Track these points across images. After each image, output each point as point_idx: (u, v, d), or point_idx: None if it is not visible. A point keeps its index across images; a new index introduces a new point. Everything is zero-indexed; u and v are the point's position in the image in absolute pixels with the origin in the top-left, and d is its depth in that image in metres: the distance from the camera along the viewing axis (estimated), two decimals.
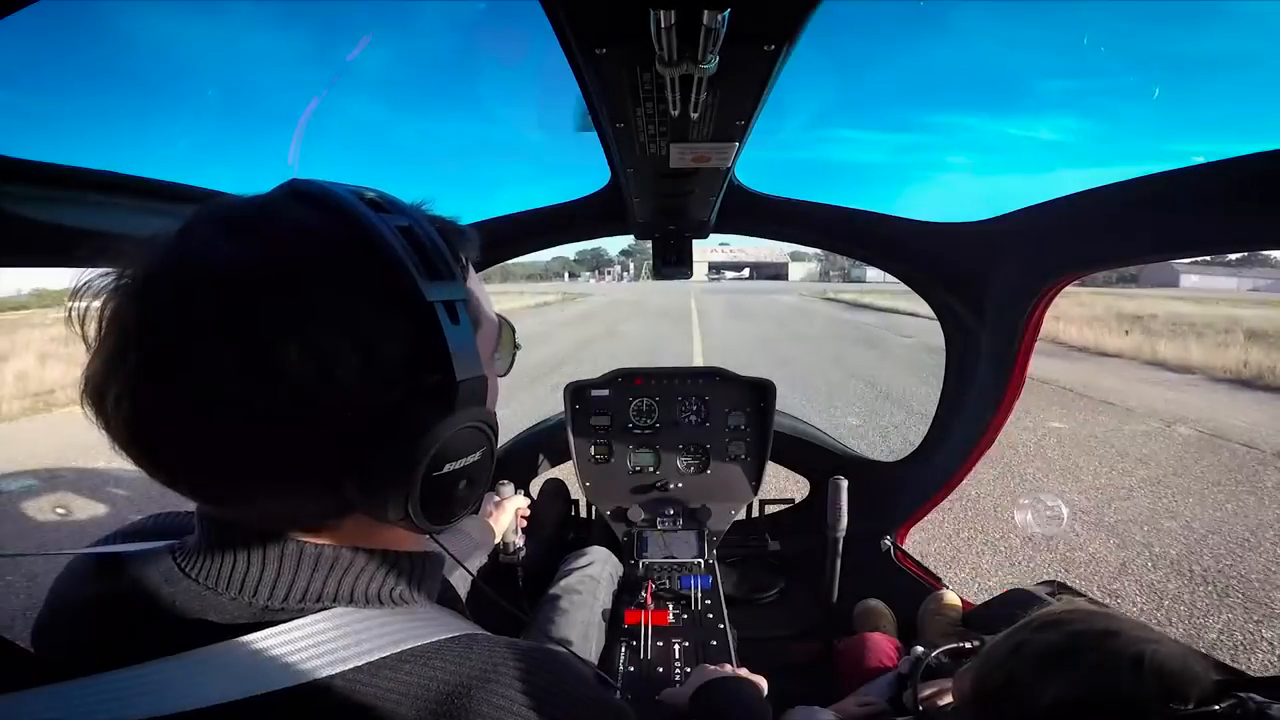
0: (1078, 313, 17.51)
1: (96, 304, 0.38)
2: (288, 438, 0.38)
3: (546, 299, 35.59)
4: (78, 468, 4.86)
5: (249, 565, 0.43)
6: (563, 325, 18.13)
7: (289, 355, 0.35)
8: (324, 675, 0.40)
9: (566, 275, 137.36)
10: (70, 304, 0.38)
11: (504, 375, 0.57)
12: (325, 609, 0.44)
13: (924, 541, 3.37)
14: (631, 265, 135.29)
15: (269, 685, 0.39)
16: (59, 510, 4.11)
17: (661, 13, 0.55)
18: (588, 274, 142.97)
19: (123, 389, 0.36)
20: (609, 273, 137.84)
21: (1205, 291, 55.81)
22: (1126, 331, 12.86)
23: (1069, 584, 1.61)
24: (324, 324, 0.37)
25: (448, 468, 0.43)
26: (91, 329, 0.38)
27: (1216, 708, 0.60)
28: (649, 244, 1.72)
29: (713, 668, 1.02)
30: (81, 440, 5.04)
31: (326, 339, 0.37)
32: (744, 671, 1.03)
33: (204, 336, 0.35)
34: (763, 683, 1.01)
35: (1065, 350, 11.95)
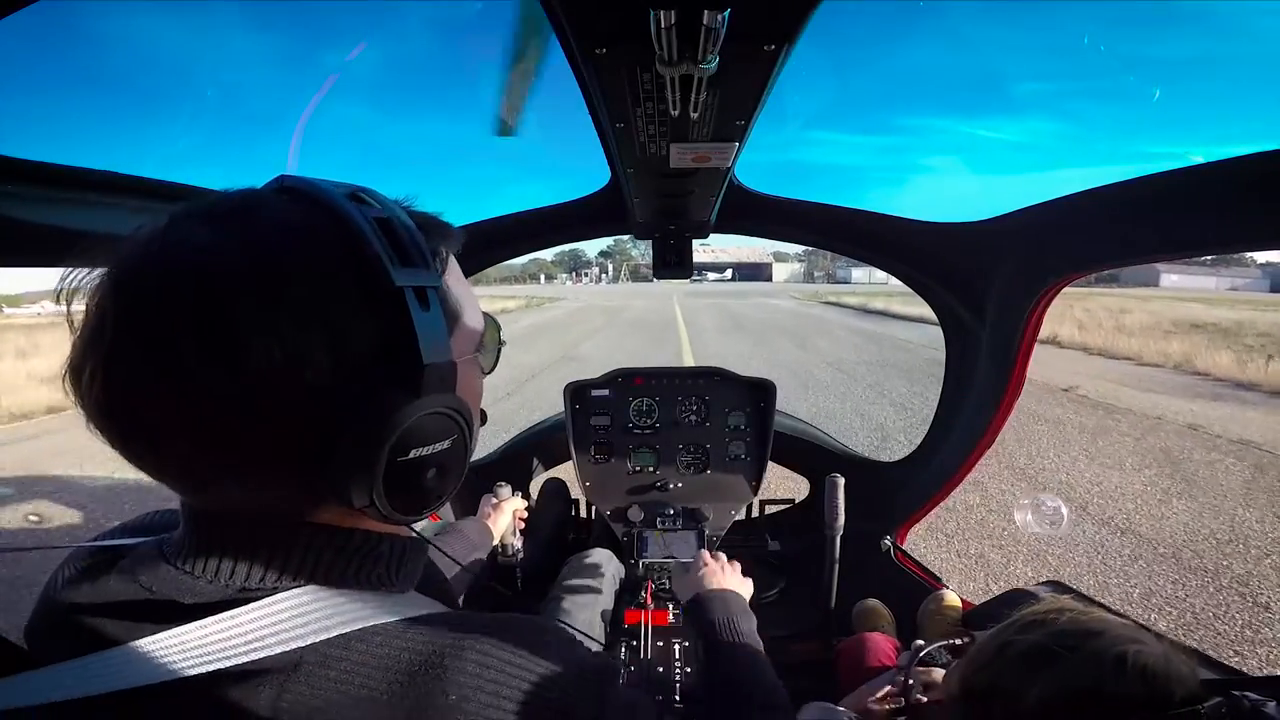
0: (1133, 321, 14.87)
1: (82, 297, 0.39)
2: (253, 426, 0.38)
3: (506, 305, 30.79)
4: None
5: (224, 549, 0.43)
6: (508, 344, 14.15)
7: (257, 342, 0.36)
8: (292, 648, 0.40)
9: (542, 277, 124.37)
10: (61, 297, 0.39)
11: (489, 373, 0.58)
12: (299, 587, 0.44)
13: None
14: (610, 267, 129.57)
15: (236, 659, 0.38)
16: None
17: (661, 13, 0.55)
18: (564, 276, 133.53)
19: (96, 367, 0.37)
20: (586, 274, 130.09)
21: (1194, 291, 54.25)
22: (1270, 357, 9.44)
23: (1069, 584, 1.61)
24: (294, 312, 0.37)
25: (414, 453, 0.42)
26: (79, 317, 0.39)
27: (1200, 708, 0.60)
28: (629, 245, 1.73)
29: (700, 573, 1.08)
30: None
31: (296, 326, 0.37)
32: (731, 573, 1.10)
33: (176, 322, 0.36)
34: (747, 587, 1.09)
35: (1231, 389, 8.33)
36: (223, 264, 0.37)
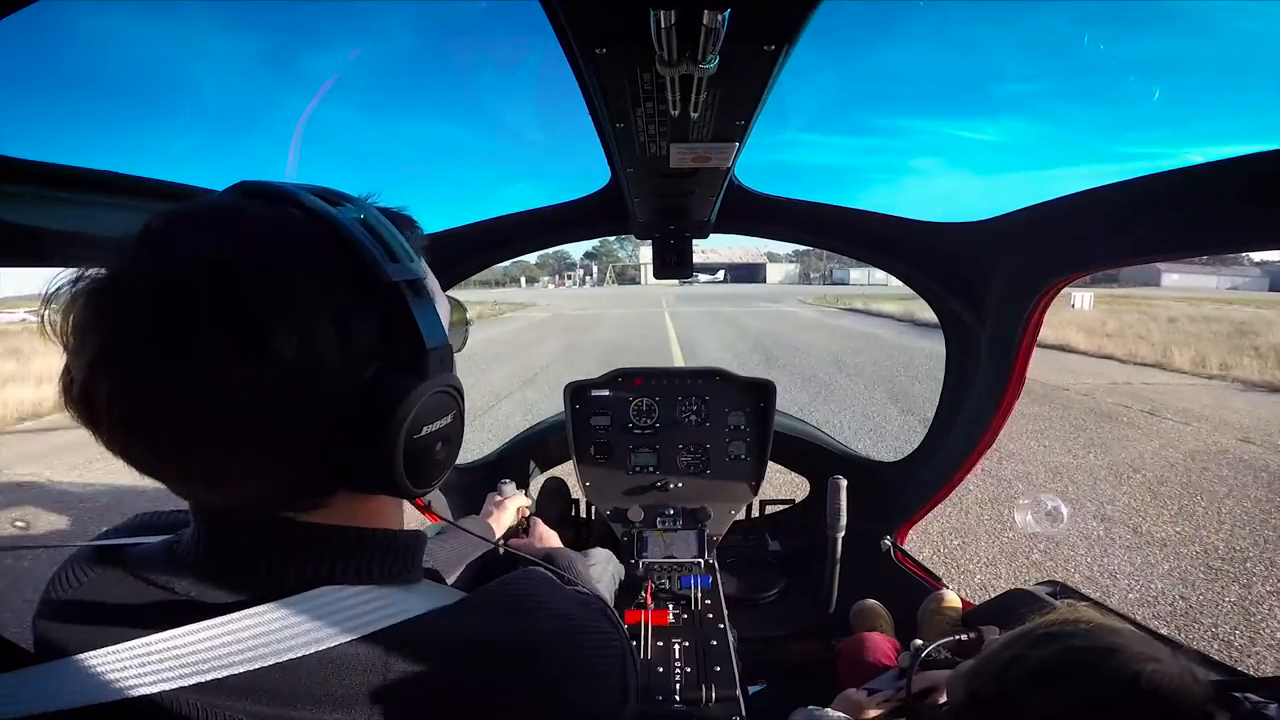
0: (1273, 342, 11.25)
1: (59, 309, 0.39)
2: (279, 414, 0.39)
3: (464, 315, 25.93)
4: None
5: (246, 549, 0.45)
6: None
7: (274, 333, 0.37)
8: (344, 640, 0.42)
9: (523, 280, 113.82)
10: (42, 310, 0.39)
11: (458, 352, 0.62)
12: (325, 585, 0.45)
13: None
14: (595, 269, 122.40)
15: (282, 656, 0.40)
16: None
17: (661, 13, 0.55)
18: (547, 278, 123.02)
19: (115, 388, 0.37)
20: (570, 277, 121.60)
21: (1201, 291, 52.65)
22: None
23: (1072, 586, 1.61)
24: (302, 306, 0.39)
25: (425, 430, 0.46)
26: (65, 332, 0.38)
27: None
28: (615, 246, 1.72)
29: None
30: None
31: (308, 322, 0.39)
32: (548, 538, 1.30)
33: (196, 326, 0.36)
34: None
35: None
36: (230, 268, 0.38)
